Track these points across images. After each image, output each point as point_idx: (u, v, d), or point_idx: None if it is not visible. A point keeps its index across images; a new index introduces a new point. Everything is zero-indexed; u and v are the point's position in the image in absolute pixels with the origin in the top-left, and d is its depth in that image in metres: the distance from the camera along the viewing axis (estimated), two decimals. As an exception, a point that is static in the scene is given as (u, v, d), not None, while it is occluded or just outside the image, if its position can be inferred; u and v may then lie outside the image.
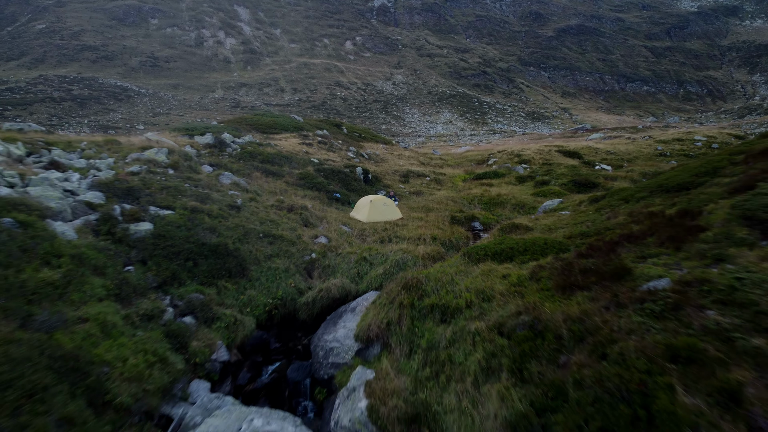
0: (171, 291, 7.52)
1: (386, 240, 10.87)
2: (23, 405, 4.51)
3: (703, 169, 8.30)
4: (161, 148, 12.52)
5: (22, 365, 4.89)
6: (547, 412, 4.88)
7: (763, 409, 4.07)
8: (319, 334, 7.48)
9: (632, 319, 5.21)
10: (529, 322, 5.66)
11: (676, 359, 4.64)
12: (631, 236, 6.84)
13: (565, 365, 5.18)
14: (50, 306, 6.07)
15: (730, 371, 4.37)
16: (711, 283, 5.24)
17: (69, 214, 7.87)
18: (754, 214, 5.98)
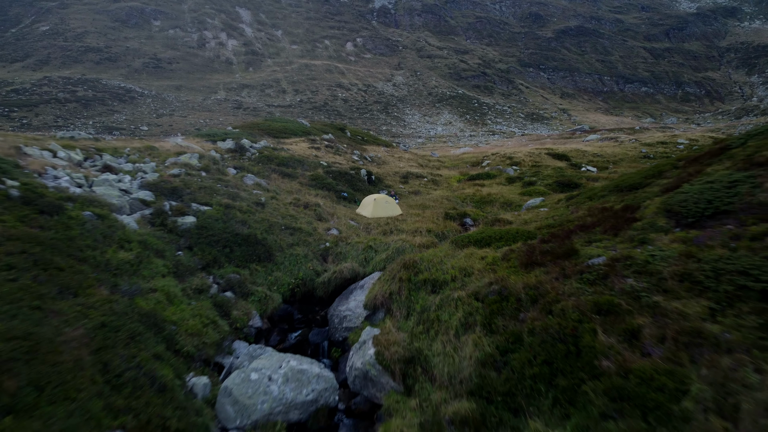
0: (213, 271, 9.36)
1: (388, 232, 12.76)
2: (129, 342, 6.36)
3: (651, 172, 10.12)
4: (193, 153, 14.41)
5: (123, 317, 6.74)
6: (508, 353, 6.71)
7: (652, 341, 5.93)
8: (334, 306, 9.32)
9: (573, 285, 7.04)
10: (498, 290, 7.49)
11: (599, 312, 6.48)
12: (584, 226, 8.66)
13: (523, 319, 7.01)
14: (128, 279, 7.92)
15: (634, 318, 6.22)
16: (633, 259, 7.08)
17: (127, 209, 9.69)
18: (672, 208, 7.80)
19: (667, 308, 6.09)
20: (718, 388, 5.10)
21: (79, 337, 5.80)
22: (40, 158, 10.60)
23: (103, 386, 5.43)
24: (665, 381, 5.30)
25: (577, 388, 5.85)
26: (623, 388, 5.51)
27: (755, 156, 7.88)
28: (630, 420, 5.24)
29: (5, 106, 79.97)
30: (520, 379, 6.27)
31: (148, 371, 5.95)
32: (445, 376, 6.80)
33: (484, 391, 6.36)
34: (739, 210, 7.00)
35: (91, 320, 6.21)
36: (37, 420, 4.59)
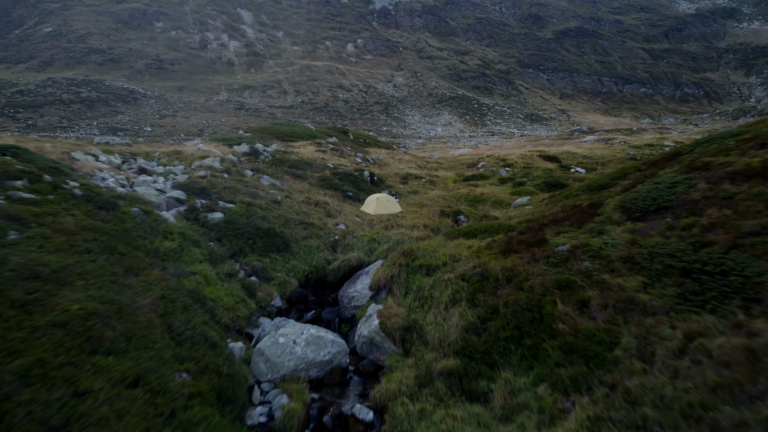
0: (240, 260, 11.02)
1: (389, 227, 14.40)
2: (183, 311, 8.02)
3: (618, 174, 11.78)
4: (215, 157, 16.10)
5: (176, 292, 8.40)
6: (486, 321, 8.36)
7: (597, 308, 7.58)
8: (343, 289, 10.97)
9: (540, 267, 8.70)
10: (481, 272, 9.13)
11: (559, 287, 8.14)
12: (555, 220, 10.31)
13: (499, 295, 8.66)
14: (173, 263, 9.58)
15: (586, 292, 7.88)
16: (590, 246, 8.74)
17: (164, 206, 11.33)
18: (626, 205, 9.45)
19: (611, 283, 7.75)
20: (641, 340, 6.78)
21: (148, 304, 7.47)
22: (87, 162, 12.23)
23: (169, 341, 7.10)
24: (603, 336, 6.96)
25: (539, 346, 7.51)
26: (573, 344, 7.18)
27: (696, 161, 9.53)
28: (576, 366, 6.90)
29: (11, 107, 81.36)
30: (495, 341, 7.92)
31: (201, 332, 7.62)
32: (436, 340, 8.45)
33: (466, 351, 8.01)
34: (676, 206, 8.65)
35: (154, 293, 7.87)
36: (129, 360, 6.25)
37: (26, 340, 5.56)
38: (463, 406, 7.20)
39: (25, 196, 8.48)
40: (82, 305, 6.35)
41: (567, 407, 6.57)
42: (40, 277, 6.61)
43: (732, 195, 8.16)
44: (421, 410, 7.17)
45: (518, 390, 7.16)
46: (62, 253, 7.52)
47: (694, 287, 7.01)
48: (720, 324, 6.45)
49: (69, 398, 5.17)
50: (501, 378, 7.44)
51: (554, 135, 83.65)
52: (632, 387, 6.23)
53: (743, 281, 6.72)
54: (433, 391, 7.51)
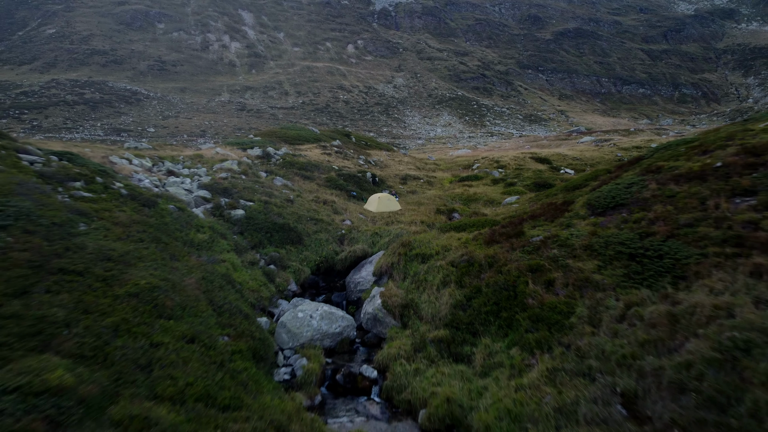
0: (260, 250, 12.76)
1: (390, 223, 16.13)
2: (220, 290, 9.76)
3: (590, 176, 13.52)
4: (233, 160, 17.87)
5: (212, 275, 10.15)
6: (471, 299, 10.09)
7: (560, 286, 9.30)
8: (350, 276, 12.71)
9: (517, 255, 10.43)
10: (467, 259, 10.87)
11: (531, 270, 9.87)
12: (533, 216, 12.05)
13: (482, 278, 10.39)
14: (206, 252, 11.33)
15: (552, 273, 9.61)
16: (558, 237, 10.47)
17: (193, 204, 13.06)
18: (591, 202, 11.19)
19: (572, 266, 9.49)
20: (592, 310, 8.52)
21: (193, 283, 9.22)
22: (124, 165, 13.96)
23: (212, 312, 8.84)
24: (563, 308, 8.70)
25: (513, 317, 9.25)
26: (539, 314, 8.92)
27: (651, 165, 11.28)
28: (541, 332, 8.63)
29: (16, 108, 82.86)
30: (477, 314, 9.66)
31: (236, 306, 9.37)
32: (429, 315, 10.18)
33: (454, 323, 9.75)
34: (631, 203, 10.40)
35: (196, 275, 9.62)
36: (185, 324, 7.99)
37: (111, 305, 7.31)
38: (450, 365, 8.94)
39: (84, 194, 10.22)
40: (147, 281, 8.11)
41: (532, 363, 8.32)
42: (111, 259, 8.36)
43: (675, 194, 9.90)
44: (416, 369, 8.90)
45: (495, 352, 8.89)
46: (122, 241, 9.27)
47: (637, 268, 8.76)
48: (653, 296, 8.21)
49: (148, 347, 6.93)
50: (481, 343, 9.17)
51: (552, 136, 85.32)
52: (582, 345, 7.98)
53: (674, 263, 8.48)
54: (426, 354, 9.25)
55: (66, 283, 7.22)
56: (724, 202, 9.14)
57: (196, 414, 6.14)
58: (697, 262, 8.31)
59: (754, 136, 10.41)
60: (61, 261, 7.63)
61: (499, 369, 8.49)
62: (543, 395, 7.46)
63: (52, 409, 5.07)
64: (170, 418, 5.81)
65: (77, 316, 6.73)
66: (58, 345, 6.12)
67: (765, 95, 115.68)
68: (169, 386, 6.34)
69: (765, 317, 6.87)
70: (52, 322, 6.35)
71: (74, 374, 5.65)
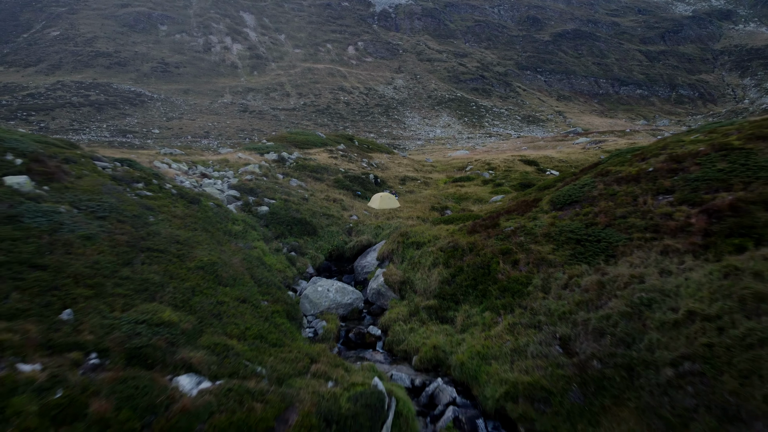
0: (282, 240, 15.55)
1: (390, 218, 18.90)
2: (257, 268, 12.55)
3: (559, 178, 16.30)
4: (254, 164, 20.65)
5: (250, 257, 12.95)
6: (455, 276, 12.87)
7: (523, 264, 12.12)
8: (357, 261, 15.51)
9: (492, 241, 13.22)
10: (453, 245, 13.65)
11: (502, 253, 12.65)
12: (508, 211, 14.84)
13: (464, 260, 13.17)
14: (242, 240, 14.13)
15: (518, 255, 12.41)
16: (525, 227, 13.27)
17: (226, 201, 15.84)
18: (553, 200, 13.97)
19: (533, 250, 12.27)
20: (544, 280, 11.29)
21: (238, 262, 12.03)
22: (167, 169, 16.71)
23: (254, 283, 11.63)
24: (523, 280, 11.48)
25: (486, 289, 12.02)
26: (506, 286, 11.69)
27: (603, 169, 14.06)
28: (506, 298, 11.40)
29: (23, 110, 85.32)
30: (459, 288, 12.44)
31: (271, 280, 12.17)
32: (421, 289, 12.96)
33: (441, 295, 12.52)
34: (582, 200, 13.18)
35: (238, 256, 12.42)
36: (237, 290, 10.77)
37: (186, 274, 10.09)
38: (437, 325, 11.72)
39: (146, 193, 13.00)
40: (208, 258, 10.91)
41: (498, 321, 11.10)
42: (179, 242, 11.16)
43: (615, 192, 12.69)
44: (410, 328, 11.68)
45: (471, 315, 11.66)
46: (182, 229, 12.07)
47: (581, 250, 11.56)
48: (590, 270, 11.00)
49: (216, 303, 9.70)
50: (462, 309, 11.95)
51: (549, 137, 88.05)
52: (535, 306, 10.77)
53: (608, 245, 11.28)
54: (419, 318, 12.03)
55: (154, 258, 10.01)
56: (649, 199, 11.94)
57: (255, 346, 8.93)
58: (624, 245, 11.11)
59: (682, 146, 13.21)
60: (147, 242, 10.43)
61: (474, 326, 11.27)
62: (504, 341, 10.26)
63: (167, 335, 7.87)
64: (239, 347, 8.61)
65: (167, 280, 9.52)
66: (160, 297, 8.91)
67: (761, 96, 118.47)
68: (235, 328, 9.13)
69: (665, 282, 9.74)
70: (152, 282, 9.15)
71: (176, 315, 8.45)
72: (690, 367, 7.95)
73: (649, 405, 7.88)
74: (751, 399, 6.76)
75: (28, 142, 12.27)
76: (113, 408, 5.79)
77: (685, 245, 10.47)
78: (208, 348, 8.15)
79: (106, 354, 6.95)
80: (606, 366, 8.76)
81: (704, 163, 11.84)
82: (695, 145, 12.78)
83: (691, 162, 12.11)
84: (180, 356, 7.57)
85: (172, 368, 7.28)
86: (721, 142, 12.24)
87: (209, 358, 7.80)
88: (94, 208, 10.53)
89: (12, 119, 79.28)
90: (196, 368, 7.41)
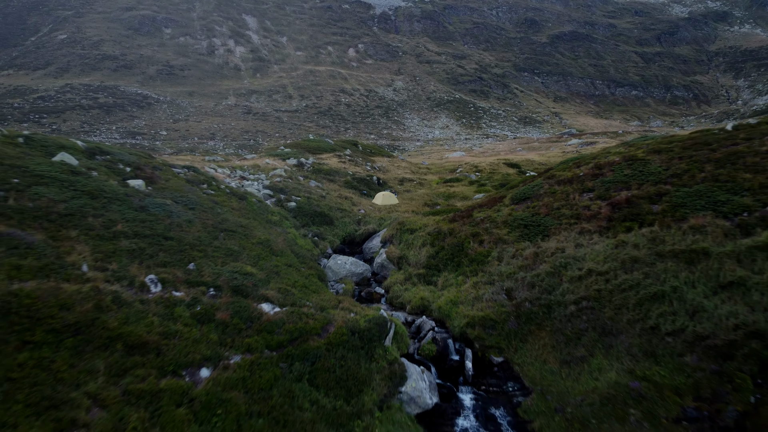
0: (307, 228, 20.64)
1: (391, 212, 23.97)
2: (294, 245, 17.67)
3: (523, 180, 21.37)
4: (280, 168, 25.68)
5: (288, 239, 18.08)
6: (438, 252, 18.00)
7: (486, 243, 17.25)
8: (365, 244, 20.62)
9: (466, 227, 18.32)
10: (437, 230, 18.72)
11: (472, 235, 17.81)
12: (481, 205, 19.91)
13: (445, 241, 18.25)
14: (279, 227, 19.26)
15: (483, 237, 17.53)
16: (491, 217, 18.40)
17: (263, 198, 20.91)
18: (513, 197, 19.02)
19: (494, 232, 17.35)
20: (500, 253, 16.41)
21: (282, 241, 17.13)
22: (214, 173, 21.71)
23: (293, 256, 16.73)
24: (486, 253, 16.57)
25: (460, 261, 17.10)
26: (474, 258, 16.79)
27: (550, 173, 19.11)
28: (473, 266, 16.48)
29: (35, 113, 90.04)
30: (441, 261, 17.50)
31: (305, 254, 17.27)
32: (414, 262, 18.02)
33: (428, 266, 17.57)
34: (532, 197, 18.24)
35: (281, 237, 17.51)
36: (284, 259, 15.85)
37: (252, 246, 15.16)
38: (425, 286, 16.76)
39: (210, 192, 18.04)
40: (264, 236, 15.99)
41: (466, 281, 16.15)
42: (243, 226, 16.23)
43: (555, 191, 17.75)
44: (405, 288, 16.74)
45: (449, 279, 16.71)
46: (241, 218, 17.15)
47: (526, 232, 16.62)
48: (530, 245, 16.05)
49: (273, 266, 14.79)
50: (442, 275, 16.99)
51: (544, 138, 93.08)
52: (492, 270, 15.82)
53: (545, 228, 16.34)
54: (411, 282, 17.08)
55: (230, 235, 15.09)
56: (577, 196, 17.00)
57: (303, 291, 13.99)
58: (555, 228, 16.17)
59: (606, 157, 18.28)
60: (223, 225, 15.51)
61: (450, 286, 16.32)
62: (469, 293, 15.31)
63: (252, 280, 12.90)
64: (293, 290, 13.67)
65: (241, 249, 14.59)
66: (241, 259, 13.96)
67: (753, 97, 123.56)
68: (288, 281, 14.19)
69: (577, 252, 14.78)
70: (234, 250, 14.22)
71: (254, 270, 13.52)
72: (585, 304, 13.09)
73: (558, 328, 12.98)
74: (620, 321, 11.83)
75: (127, 154, 17.35)
76: (229, 316, 10.86)
77: (595, 227, 15.58)
78: (276, 290, 13.22)
79: (219, 289, 12.03)
80: (533, 305, 13.83)
81: (616, 170, 16.91)
82: (614, 156, 17.85)
83: (608, 169, 17.18)
84: (261, 292, 12.66)
85: (257, 299, 12.34)
86: (630, 154, 17.32)
87: (278, 295, 12.87)
88: (186, 202, 15.60)
89: (25, 121, 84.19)
90: (271, 300, 12.51)
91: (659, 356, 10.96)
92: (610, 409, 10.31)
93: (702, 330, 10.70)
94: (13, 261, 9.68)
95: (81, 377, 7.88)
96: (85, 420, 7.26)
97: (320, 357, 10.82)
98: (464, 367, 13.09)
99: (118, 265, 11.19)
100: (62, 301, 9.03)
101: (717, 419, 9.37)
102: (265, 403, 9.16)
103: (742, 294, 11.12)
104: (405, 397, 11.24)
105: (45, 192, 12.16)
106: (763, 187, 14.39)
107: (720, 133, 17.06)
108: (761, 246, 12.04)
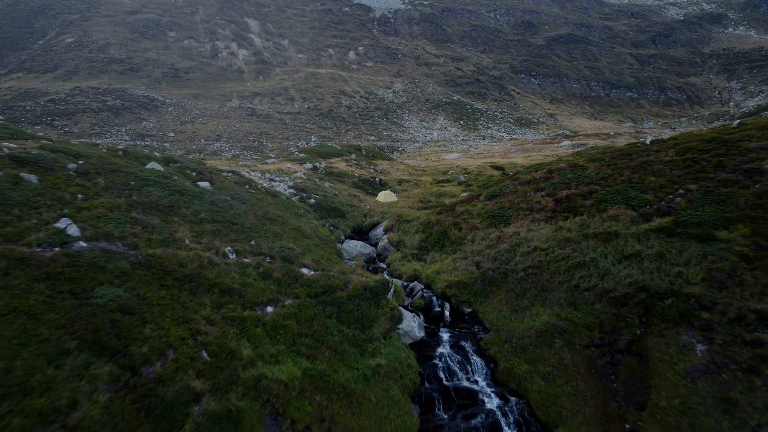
0: (325, 220, 26.62)
1: (391, 207, 29.94)
2: (317, 231, 23.70)
3: (498, 180, 27.37)
4: (300, 171, 31.58)
5: (314, 229, 24.13)
6: (428, 237, 24.03)
7: (464, 230, 23.32)
8: (371, 232, 26.65)
9: (449, 218, 24.36)
10: (427, 221, 24.72)
11: (454, 224, 23.84)
12: (462, 201, 25.90)
13: (433, 229, 24.24)
14: (304, 218, 25.33)
15: (462, 225, 23.57)
16: (468, 210, 24.47)
17: (289, 196, 26.88)
18: (487, 195, 24.97)
19: (471, 222, 23.38)
20: (473, 237, 22.47)
21: (309, 228, 23.21)
22: (248, 175, 27.62)
23: (318, 239, 22.77)
24: (463, 237, 22.66)
25: (444, 244, 23.12)
26: (455, 240, 22.84)
27: (516, 176, 25.09)
28: (453, 246, 22.54)
29: (47, 116, 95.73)
30: (430, 243, 23.52)
31: (326, 238, 23.32)
32: (409, 245, 23.99)
33: (420, 247, 23.56)
34: (501, 194, 24.24)
35: (308, 225, 23.57)
36: (312, 240, 21.87)
37: (289, 231, 21.19)
38: (417, 262, 22.74)
39: (251, 191, 23.98)
40: (297, 224, 22.01)
41: (447, 258, 22.16)
42: (280, 216, 22.24)
43: (517, 190, 23.74)
44: (402, 264, 22.73)
45: (435, 257, 22.71)
46: (278, 211, 23.15)
47: (493, 221, 22.66)
48: (496, 230, 22.11)
49: (305, 245, 20.80)
50: (430, 254, 22.95)
51: (539, 139, 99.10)
52: (466, 249, 21.89)
53: (507, 218, 22.43)
54: (407, 259, 23.08)
55: (273, 223, 21.06)
56: (532, 194, 22.98)
57: (329, 262, 19.95)
58: (514, 217, 22.17)
59: (558, 164, 24.26)
60: (267, 215, 21.49)
61: (435, 261, 22.31)
62: (449, 266, 21.31)
63: (295, 252, 18.93)
64: (322, 261, 19.66)
65: (282, 232, 20.57)
66: (284, 239, 19.99)
67: (745, 99, 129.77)
68: (318, 254, 20.16)
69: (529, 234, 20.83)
70: (278, 233, 20.20)
71: (295, 245, 19.51)
72: (531, 271, 19.01)
73: (511, 288, 18.88)
74: (553, 282, 17.72)
75: (190, 162, 23.32)
76: (282, 275, 16.80)
77: (543, 217, 21.56)
78: (310, 260, 19.16)
79: (273, 258, 17.94)
80: (494, 273, 19.72)
81: (562, 174, 22.90)
82: (563, 163, 23.85)
83: (557, 174, 23.17)
84: (301, 261, 18.59)
85: (299, 265, 18.23)
86: (574, 162, 23.32)
87: (312, 263, 18.82)
88: (239, 198, 21.57)
89: (38, 124, 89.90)
90: (308, 266, 18.44)
91: (578, 305, 16.90)
92: (542, 339, 16.25)
93: (608, 286, 16.64)
94: (146, 235, 15.61)
95: (197, 307, 13.73)
96: (205, 330, 13.13)
97: (343, 303, 16.70)
98: (444, 315, 19.02)
99: (206, 240, 17.11)
100: (180, 260, 14.97)
101: (614, 345, 15.34)
102: (309, 328, 15.05)
103: (638, 262, 17.15)
104: (401, 332, 17.20)
105: (153, 191, 18.09)
106: (662, 187, 20.46)
107: (640, 146, 23.06)
108: (654, 229, 18.11)
